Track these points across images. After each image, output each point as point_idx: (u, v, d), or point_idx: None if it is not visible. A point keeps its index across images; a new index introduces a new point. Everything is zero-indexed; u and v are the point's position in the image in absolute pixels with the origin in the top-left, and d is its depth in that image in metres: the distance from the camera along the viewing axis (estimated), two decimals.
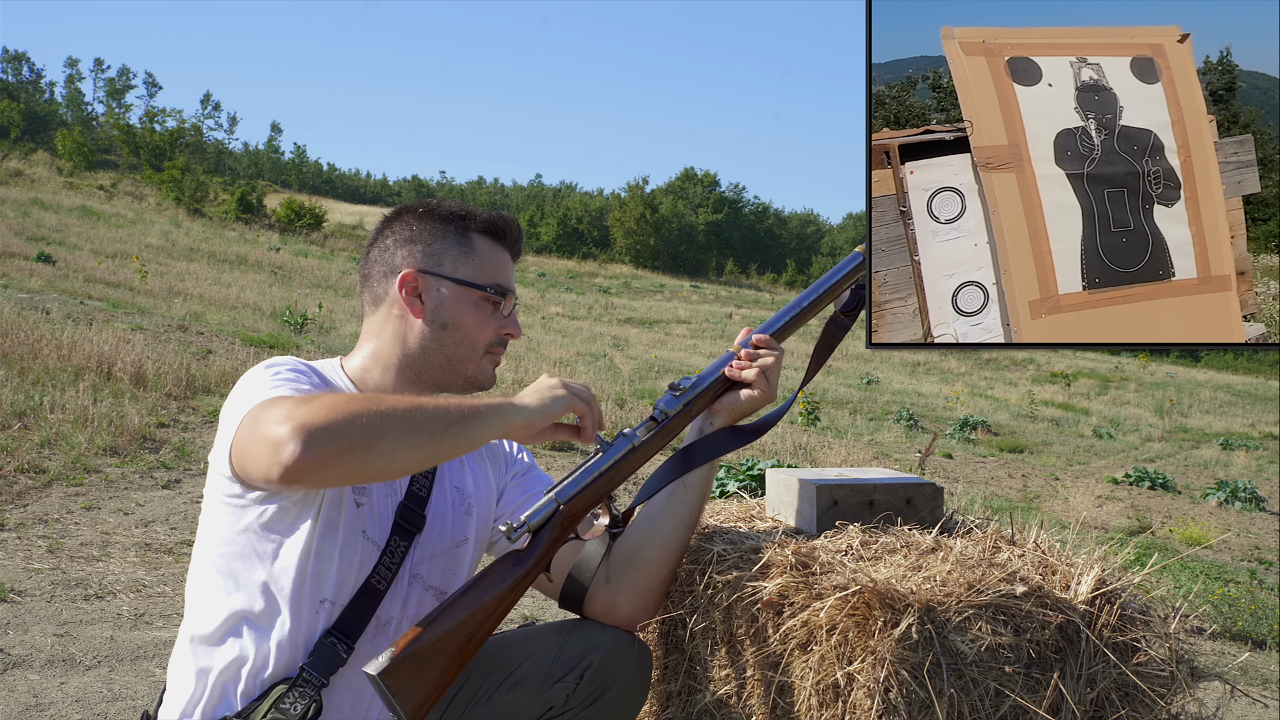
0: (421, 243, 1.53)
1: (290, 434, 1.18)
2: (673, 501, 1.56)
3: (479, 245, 1.55)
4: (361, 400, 1.25)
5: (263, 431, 1.22)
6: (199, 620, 1.42)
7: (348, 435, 1.19)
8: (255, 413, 1.27)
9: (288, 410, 1.21)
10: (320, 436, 1.18)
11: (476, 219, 1.56)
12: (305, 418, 1.19)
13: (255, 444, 1.24)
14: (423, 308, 1.51)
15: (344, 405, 1.22)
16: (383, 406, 1.24)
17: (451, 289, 1.51)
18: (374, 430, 1.21)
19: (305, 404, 1.22)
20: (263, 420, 1.24)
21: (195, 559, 1.46)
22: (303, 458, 1.17)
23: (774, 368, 1.57)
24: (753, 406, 1.58)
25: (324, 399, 1.24)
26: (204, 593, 1.42)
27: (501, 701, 1.48)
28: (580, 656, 1.46)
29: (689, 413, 1.56)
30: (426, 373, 1.52)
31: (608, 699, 1.45)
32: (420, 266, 1.51)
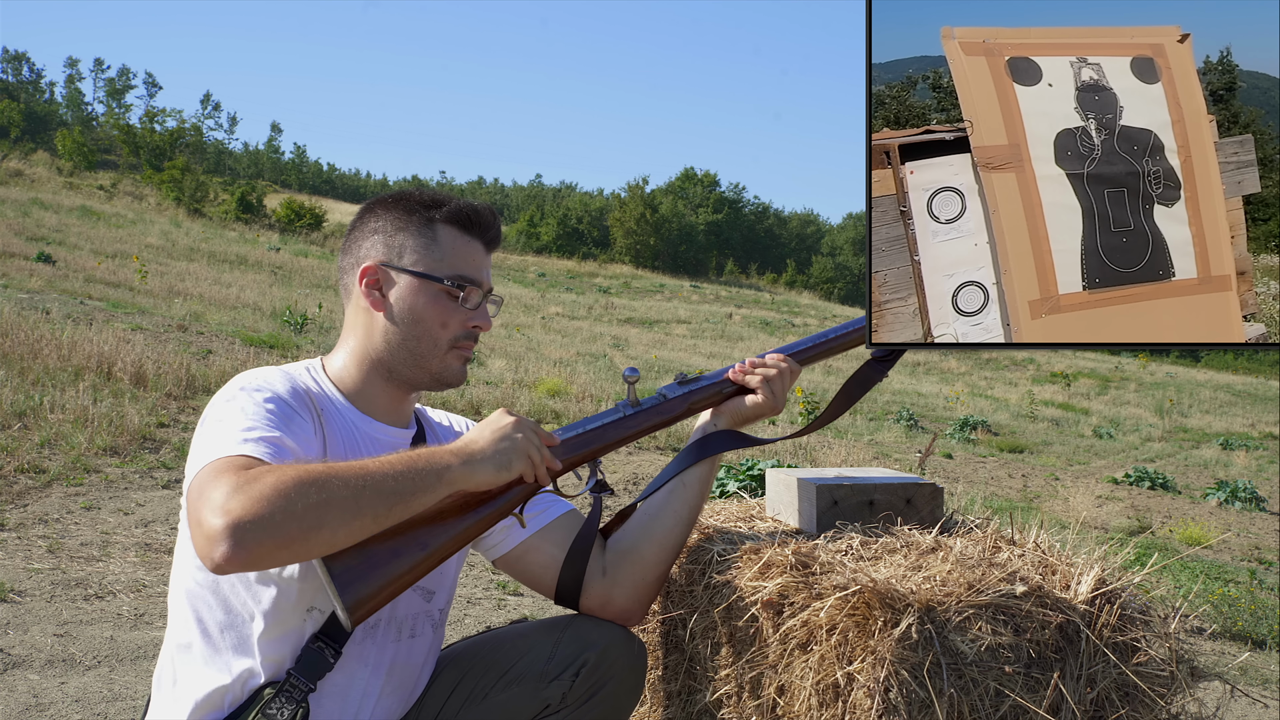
0: (384, 234, 1.48)
1: (222, 532, 1.13)
2: (672, 499, 1.57)
3: (443, 236, 1.48)
4: (304, 484, 1.18)
5: (201, 515, 1.17)
6: (182, 628, 1.40)
7: (282, 530, 1.15)
8: (203, 479, 1.21)
9: (224, 498, 1.15)
10: (253, 534, 1.13)
11: (443, 208, 1.49)
12: (240, 512, 1.14)
13: (194, 522, 1.19)
14: (383, 301, 1.46)
15: (283, 495, 1.16)
16: (325, 493, 1.18)
17: (409, 282, 1.46)
18: (312, 522, 1.17)
19: (243, 491, 1.16)
20: (205, 498, 1.18)
21: (178, 566, 1.42)
22: (234, 557, 1.13)
23: (779, 379, 1.59)
24: (755, 413, 1.60)
25: (264, 483, 1.16)
26: (188, 602, 1.39)
27: (498, 700, 1.48)
28: (576, 654, 1.46)
29: (690, 402, 1.58)
30: (395, 369, 1.48)
31: (603, 695, 1.45)
32: (380, 259, 1.47)
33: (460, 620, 3.41)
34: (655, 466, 6.17)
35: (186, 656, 1.39)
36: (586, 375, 10.78)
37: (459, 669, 1.54)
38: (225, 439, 1.27)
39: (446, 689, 1.53)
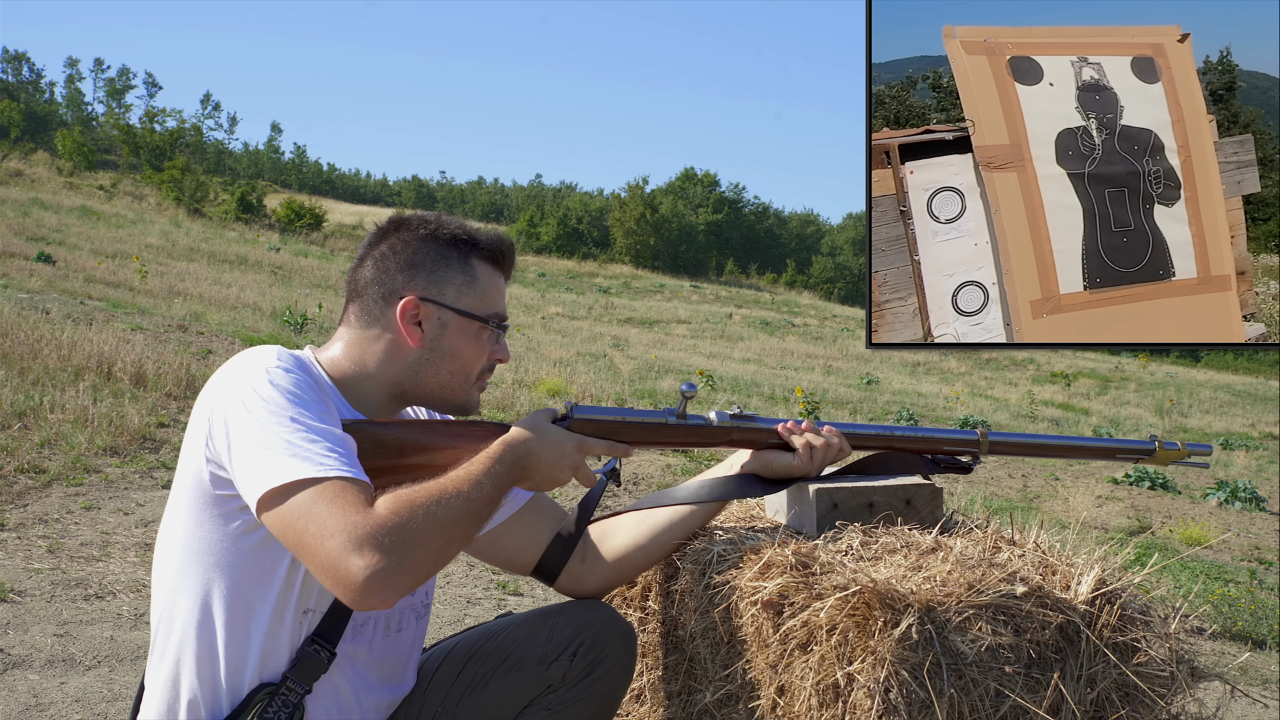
0: (425, 269, 1.48)
1: (369, 584, 1.16)
2: (675, 518, 1.63)
3: (480, 274, 1.51)
4: (432, 523, 1.23)
5: (331, 556, 1.18)
6: (175, 628, 1.38)
7: (423, 570, 1.22)
8: (318, 512, 1.20)
9: (358, 542, 1.17)
10: (403, 584, 1.19)
11: (479, 245, 1.52)
12: (385, 563, 1.17)
13: (313, 554, 1.20)
14: (421, 336, 1.47)
15: (422, 539, 1.21)
16: (448, 531, 1.25)
17: (452, 319, 1.48)
18: (441, 555, 1.25)
19: (384, 537, 1.18)
20: (328, 534, 1.19)
21: (170, 560, 1.40)
22: (385, 603, 1.18)
23: (822, 450, 1.61)
24: (785, 471, 1.62)
25: (404, 530, 1.20)
26: (182, 600, 1.38)
27: (499, 686, 1.52)
28: (573, 635, 1.52)
29: (731, 435, 1.61)
30: (413, 394, 1.50)
31: (600, 672, 1.51)
32: (422, 294, 1.47)
33: (460, 620, 3.41)
34: (655, 467, 6.17)
35: (179, 657, 1.38)
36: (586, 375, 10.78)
37: (457, 662, 1.57)
38: (298, 452, 1.25)
39: (447, 682, 1.56)
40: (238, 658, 1.36)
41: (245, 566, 1.35)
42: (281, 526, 1.23)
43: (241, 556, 1.35)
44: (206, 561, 1.36)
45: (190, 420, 1.38)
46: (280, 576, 1.36)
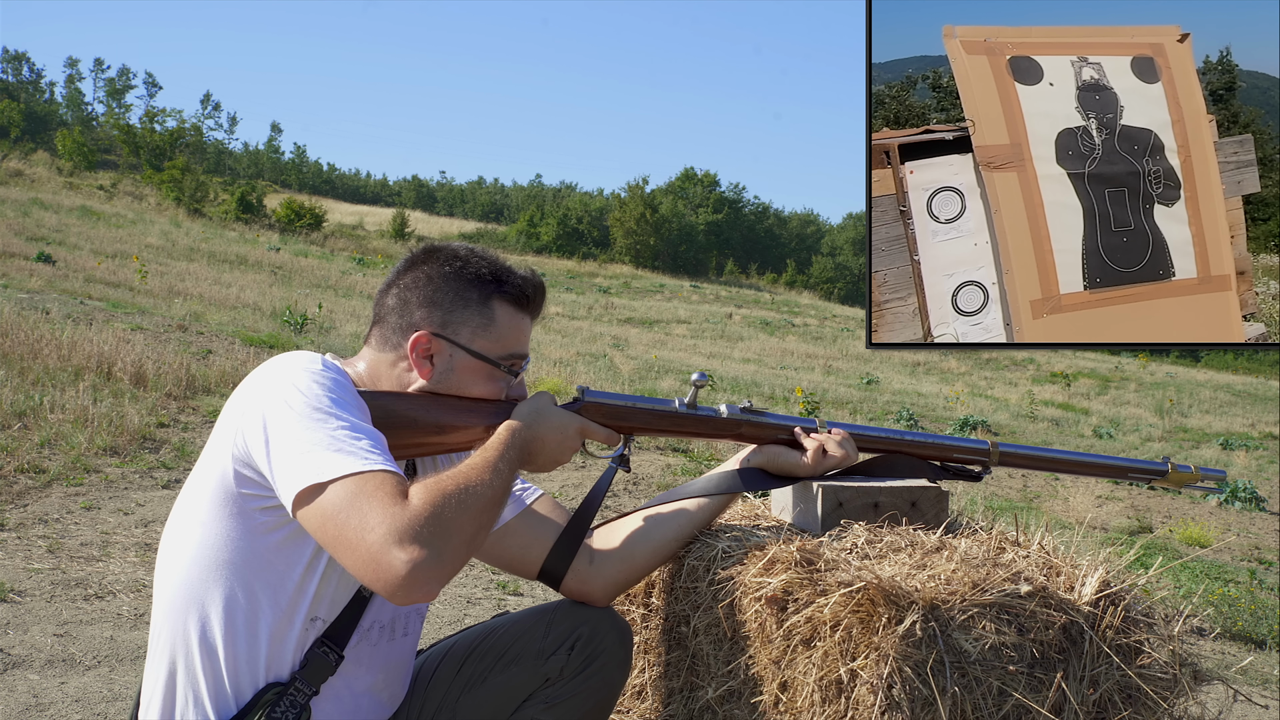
0: (442, 307, 1.48)
1: (412, 579, 1.17)
2: (680, 514, 1.64)
3: (500, 315, 1.50)
4: (464, 512, 1.25)
5: (370, 549, 1.19)
6: (180, 628, 1.38)
7: (460, 559, 1.23)
8: (352, 498, 1.21)
9: (397, 533, 1.18)
10: (444, 575, 1.20)
11: (503, 287, 1.50)
12: (431, 564, 1.18)
13: (353, 548, 1.20)
14: (432, 370, 1.47)
15: (459, 529, 1.23)
16: (480, 518, 1.27)
17: (462, 359, 1.48)
18: (474, 542, 1.26)
19: (423, 529, 1.19)
20: (369, 528, 1.19)
21: (179, 557, 1.39)
22: (428, 595, 1.19)
23: (833, 456, 1.63)
24: (790, 469, 1.64)
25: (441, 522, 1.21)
26: (189, 601, 1.37)
27: (497, 681, 1.54)
28: (570, 630, 1.53)
29: (740, 429, 1.62)
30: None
31: (597, 666, 1.52)
32: (435, 330, 1.47)
33: (460, 620, 3.41)
34: (655, 467, 6.17)
35: (185, 654, 1.38)
36: (587, 375, 10.78)
37: (456, 660, 1.59)
38: (343, 447, 1.26)
39: (446, 680, 1.58)
40: (245, 657, 1.36)
41: (259, 567, 1.35)
42: (321, 521, 1.23)
43: (256, 556, 1.35)
44: (220, 559, 1.35)
45: (220, 419, 1.38)
46: (294, 582, 1.36)
